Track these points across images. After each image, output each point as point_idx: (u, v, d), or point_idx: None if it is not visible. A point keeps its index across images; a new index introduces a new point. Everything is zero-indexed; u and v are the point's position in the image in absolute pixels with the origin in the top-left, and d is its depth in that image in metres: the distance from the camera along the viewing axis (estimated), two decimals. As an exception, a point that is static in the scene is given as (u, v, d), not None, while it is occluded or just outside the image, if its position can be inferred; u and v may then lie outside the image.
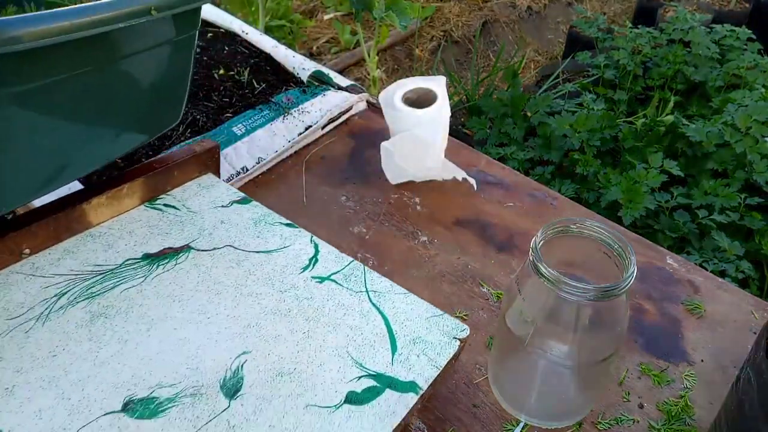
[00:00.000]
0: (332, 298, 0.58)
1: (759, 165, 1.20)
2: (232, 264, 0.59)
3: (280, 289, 0.58)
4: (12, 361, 0.49)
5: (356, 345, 0.54)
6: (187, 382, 0.49)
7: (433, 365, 0.53)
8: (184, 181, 0.68)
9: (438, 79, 0.82)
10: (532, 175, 1.34)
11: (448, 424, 0.60)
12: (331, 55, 2.44)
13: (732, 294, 0.72)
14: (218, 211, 0.65)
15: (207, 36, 1.09)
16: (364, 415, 0.49)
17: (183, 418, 0.47)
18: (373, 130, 0.94)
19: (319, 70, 0.99)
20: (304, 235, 0.64)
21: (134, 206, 0.64)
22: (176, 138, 0.87)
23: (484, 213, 0.81)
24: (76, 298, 0.54)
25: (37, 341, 0.50)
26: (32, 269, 0.56)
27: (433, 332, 0.56)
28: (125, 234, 0.61)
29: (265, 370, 0.51)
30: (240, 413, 0.48)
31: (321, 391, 0.50)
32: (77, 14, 0.45)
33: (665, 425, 0.59)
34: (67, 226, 0.59)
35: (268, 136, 0.88)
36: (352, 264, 0.61)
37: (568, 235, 0.53)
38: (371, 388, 0.51)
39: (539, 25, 2.61)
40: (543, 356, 0.53)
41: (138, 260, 0.58)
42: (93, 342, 0.51)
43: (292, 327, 0.55)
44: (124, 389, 0.48)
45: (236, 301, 0.56)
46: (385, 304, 0.58)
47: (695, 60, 1.57)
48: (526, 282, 0.53)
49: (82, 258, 0.58)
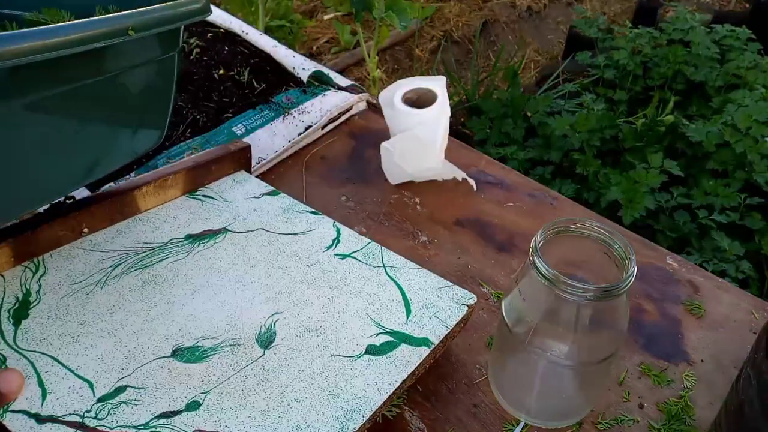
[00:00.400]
0: (353, 271, 0.65)
1: (759, 165, 1.20)
2: (264, 243, 0.67)
3: (307, 264, 0.65)
4: (76, 316, 0.57)
5: (375, 308, 0.61)
6: (227, 336, 0.57)
7: (443, 325, 0.60)
8: (220, 176, 0.76)
9: (438, 79, 0.82)
10: (532, 175, 1.34)
11: (448, 424, 0.60)
12: (331, 55, 2.44)
13: (732, 294, 0.72)
14: (251, 201, 0.73)
15: (207, 36, 1.09)
16: (382, 363, 0.56)
17: (224, 363, 0.55)
18: (373, 130, 0.95)
19: (319, 70, 0.99)
20: (327, 220, 0.71)
21: (177, 196, 0.72)
22: (176, 138, 0.87)
23: (484, 213, 0.81)
24: (129, 269, 0.63)
25: (97, 301, 0.59)
26: (90, 245, 0.64)
27: (444, 299, 0.63)
28: (170, 218, 0.69)
29: (295, 327, 0.59)
30: (273, 360, 0.56)
31: (344, 343, 0.57)
32: (52, 33, 0.45)
33: (665, 425, 0.59)
34: (120, 210, 0.67)
35: (268, 136, 0.88)
36: (370, 244, 0.69)
37: (568, 235, 0.53)
38: (388, 342, 0.58)
39: (539, 25, 2.61)
40: (543, 356, 0.53)
41: (181, 239, 0.67)
42: (144, 303, 0.59)
43: (318, 293, 0.62)
44: (172, 339, 0.56)
45: (268, 273, 0.64)
46: (400, 277, 0.65)
47: (695, 60, 1.57)
48: (525, 282, 0.53)
49: (133, 237, 0.66)
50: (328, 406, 0.52)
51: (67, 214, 0.62)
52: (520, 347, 0.55)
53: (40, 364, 0.53)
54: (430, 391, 0.62)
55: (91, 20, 0.48)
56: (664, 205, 1.21)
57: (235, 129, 0.88)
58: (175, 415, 0.50)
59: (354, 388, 0.54)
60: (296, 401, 0.53)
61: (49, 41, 0.45)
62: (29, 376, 0.52)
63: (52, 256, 0.62)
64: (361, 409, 0.52)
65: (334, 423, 0.51)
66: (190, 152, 0.84)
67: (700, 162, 1.31)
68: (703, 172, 1.29)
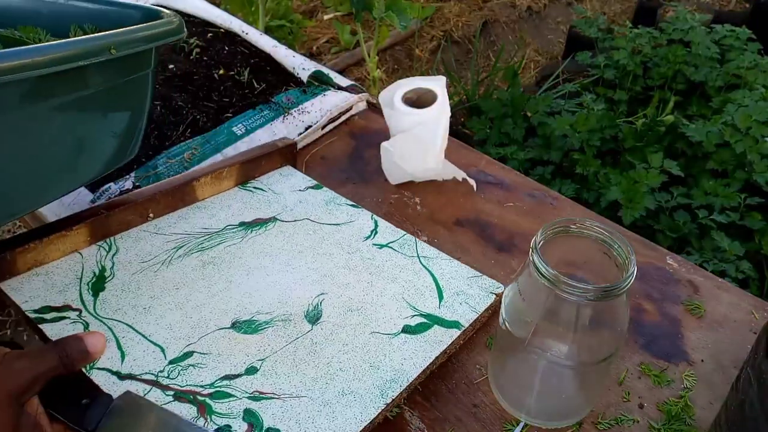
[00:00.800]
0: (390, 260, 0.71)
1: (759, 165, 1.20)
2: (309, 232, 0.74)
3: (348, 252, 0.72)
4: (147, 290, 0.65)
5: (410, 294, 0.67)
6: (279, 312, 0.64)
7: (473, 310, 0.66)
8: (269, 170, 0.83)
9: (438, 79, 0.82)
10: (532, 175, 1.34)
11: (448, 424, 0.60)
12: (331, 55, 2.44)
13: (732, 294, 0.72)
14: (296, 193, 0.80)
15: (207, 36, 1.09)
16: (417, 341, 0.62)
17: (277, 335, 0.62)
18: (373, 130, 0.94)
19: (319, 70, 0.99)
20: (366, 213, 0.78)
21: (230, 187, 0.79)
22: (176, 138, 0.87)
23: (484, 213, 0.81)
24: (191, 251, 0.70)
25: (164, 278, 0.66)
26: (156, 229, 0.72)
27: (473, 288, 0.68)
28: (225, 207, 0.76)
29: (339, 307, 0.65)
30: (320, 334, 0.62)
31: (383, 323, 0.64)
32: (41, 51, 0.48)
33: (665, 425, 0.59)
34: (181, 198, 0.75)
35: (268, 136, 0.88)
36: (405, 236, 0.75)
37: (568, 235, 0.53)
38: (423, 324, 0.64)
39: (539, 25, 2.61)
40: (543, 356, 0.53)
41: (236, 226, 0.74)
42: (205, 281, 0.67)
43: (359, 278, 0.69)
44: (231, 313, 0.63)
45: (314, 258, 0.70)
46: (433, 266, 0.71)
47: (695, 60, 1.57)
48: (525, 282, 0.53)
49: (192, 222, 0.74)
50: (370, 376, 0.59)
51: (136, 202, 0.71)
52: (520, 347, 0.55)
53: (117, 330, 0.60)
54: (430, 391, 0.62)
55: (75, 40, 0.52)
56: (664, 205, 1.21)
57: (235, 129, 0.88)
58: (236, 377, 0.58)
59: (392, 361, 0.60)
60: (341, 371, 0.59)
61: (39, 59, 0.47)
62: (109, 339, 0.59)
63: (123, 237, 0.70)
64: (399, 379, 0.59)
65: (375, 390, 0.58)
66: (190, 152, 0.84)
67: (700, 162, 1.31)
68: (703, 172, 1.29)
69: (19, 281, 0.63)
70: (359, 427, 0.55)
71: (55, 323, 0.60)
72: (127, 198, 0.71)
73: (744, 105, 1.30)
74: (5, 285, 0.63)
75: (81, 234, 0.67)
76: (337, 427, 0.54)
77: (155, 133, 0.88)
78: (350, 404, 0.56)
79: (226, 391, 0.56)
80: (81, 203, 0.79)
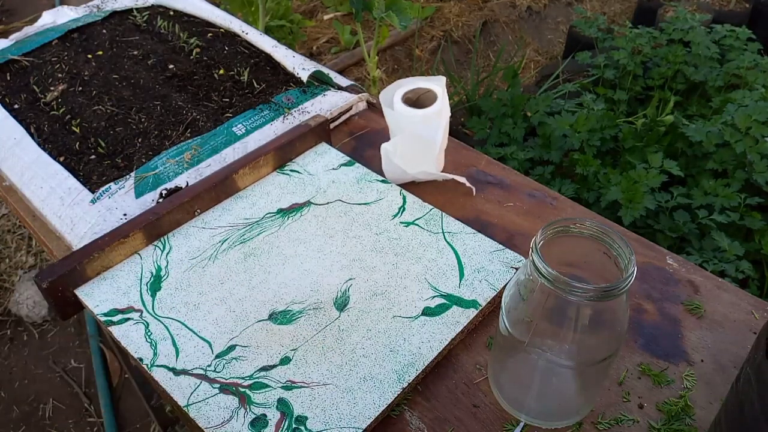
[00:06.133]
0: (415, 238, 0.74)
1: (759, 165, 1.20)
2: (341, 214, 0.78)
3: (376, 232, 0.75)
4: (196, 287, 0.70)
5: (432, 273, 0.70)
6: (311, 300, 0.68)
7: (491, 288, 0.68)
8: (304, 150, 0.87)
9: (438, 79, 0.82)
10: (532, 175, 1.34)
11: (448, 424, 0.60)
12: (331, 55, 2.44)
13: (732, 294, 0.72)
14: (330, 173, 0.83)
15: (207, 36, 1.09)
16: (435, 323, 0.65)
17: (308, 324, 0.65)
18: (373, 130, 0.95)
19: (319, 70, 0.99)
20: (395, 188, 0.81)
21: (268, 173, 0.84)
22: (176, 138, 0.87)
23: (484, 213, 0.81)
24: (234, 243, 0.74)
25: (210, 273, 0.71)
26: (203, 224, 0.77)
27: (495, 263, 0.71)
28: (264, 194, 0.81)
29: (365, 291, 0.68)
30: (347, 321, 0.66)
31: (404, 306, 0.67)
32: None
33: (665, 425, 0.59)
34: (223, 190, 0.79)
35: (268, 136, 0.88)
36: (432, 211, 0.78)
37: (568, 235, 0.53)
38: (442, 305, 0.67)
39: (539, 25, 2.61)
40: (543, 356, 0.53)
41: (274, 213, 0.78)
42: (246, 273, 0.71)
43: (385, 260, 0.72)
44: (269, 305, 0.67)
45: (344, 242, 0.74)
46: (456, 242, 0.74)
47: (695, 60, 1.57)
48: (525, 282, 0.53)
49: (235, 214, 0.78)
50: (389, 361, 0.62)
51: (183, 200, 0.76)
52: (520, 347, 0.55)
53: (172, 327, 0.65)
54: (430, 391, 0.62)
55: None
56: (664, 205, 1.21)
57: (235, 129, 0.88)
58: (272, 368, 0.62)
59: (411, 345, 0.63)
60: (364, 357, 0.62)
61: None
62: (166, 338, 0.64)
63: (174, 235, 0.75)
64: (416, 363, 0.61)
65: (393, 375, 0.60)
66: (190, 152, 0.84)
67: (700, 162, 1.31)
68: (703, 172, 1.29)
69: (90, 287, 0.70)
70: (376, 412, 0.58)
71: (121, 325, 0.66)
72: (172, 199, 0.76)
73: (744, 105, 1.30)
74: (80, 291, 0.69)
75: (139, 236, 0.73)
76: (357, 413, 0.58)
77: (155, 133, 0.88)
78: (370, 390, 0.59)
79: (263, 381, 0.60)
80: (81, 203, 0.79)
